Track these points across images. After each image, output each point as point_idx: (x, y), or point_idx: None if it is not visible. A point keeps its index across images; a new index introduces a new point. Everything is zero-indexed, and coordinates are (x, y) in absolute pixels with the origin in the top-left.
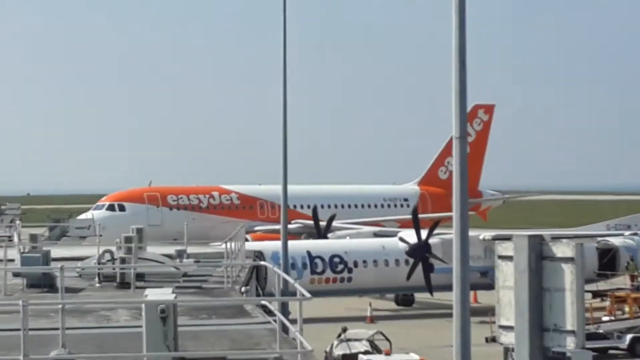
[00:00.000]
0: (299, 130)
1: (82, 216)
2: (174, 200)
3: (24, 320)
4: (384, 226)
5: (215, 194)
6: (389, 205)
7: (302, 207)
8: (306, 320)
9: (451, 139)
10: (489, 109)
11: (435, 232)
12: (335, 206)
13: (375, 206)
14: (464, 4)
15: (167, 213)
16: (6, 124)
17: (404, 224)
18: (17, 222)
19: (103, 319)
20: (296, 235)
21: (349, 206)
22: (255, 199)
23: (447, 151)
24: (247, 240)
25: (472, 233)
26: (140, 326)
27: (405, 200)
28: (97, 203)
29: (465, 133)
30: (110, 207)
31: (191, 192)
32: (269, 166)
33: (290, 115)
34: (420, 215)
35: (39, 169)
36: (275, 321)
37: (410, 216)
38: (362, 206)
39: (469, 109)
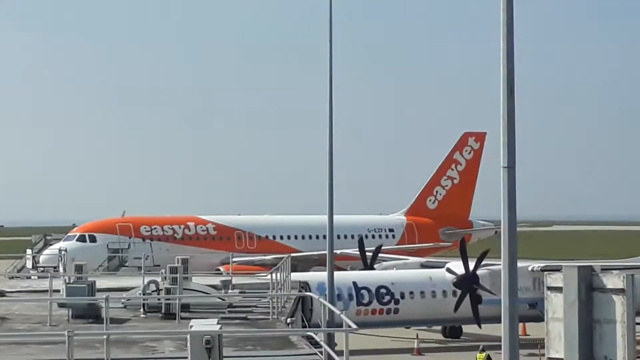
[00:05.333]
0: (285, 158)
1: (52, 248)
2: (147, 231)
3: (70, 351)
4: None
5: (191, 224)
6: (373, 236)
7: (281, 237)
8: (352, 352)
9: (440, 167)
10: (480, 137)
11: (483, 263)
12: (317, 237)
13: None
14: (512, 32)
15: (140, 244)
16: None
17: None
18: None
19: (148, 350)
20: (271, 266)
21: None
22: (233, 229)
23: (435, 181)
24: (218, 271)
25: (520, 264)
26: (186, 357)
27: (391, 230)
28: (68, 234)
29: (514, 163)
30: (81, 238)
31: (166, 223)
32: (249, 197)
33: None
34: (405, 246)
35: (85, 200)
36: (321, 353)
37: (392, 247)
38: (345, 237)
39: (458, 136)
